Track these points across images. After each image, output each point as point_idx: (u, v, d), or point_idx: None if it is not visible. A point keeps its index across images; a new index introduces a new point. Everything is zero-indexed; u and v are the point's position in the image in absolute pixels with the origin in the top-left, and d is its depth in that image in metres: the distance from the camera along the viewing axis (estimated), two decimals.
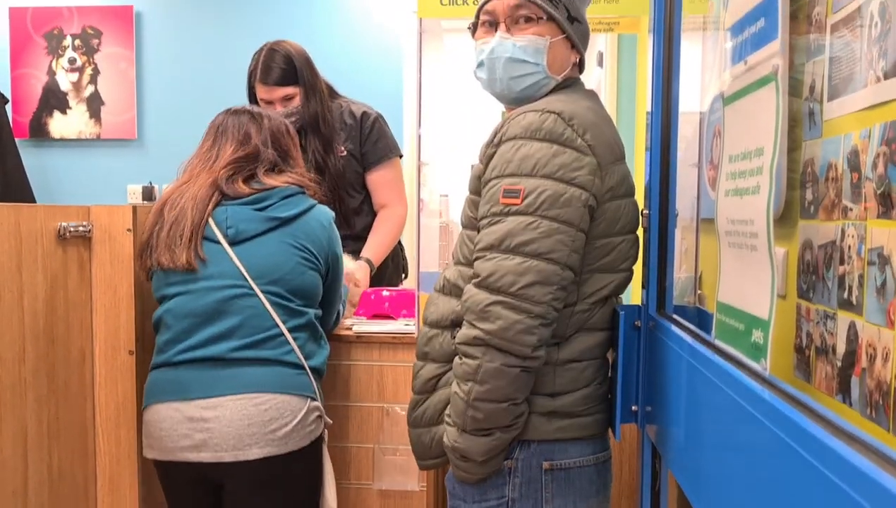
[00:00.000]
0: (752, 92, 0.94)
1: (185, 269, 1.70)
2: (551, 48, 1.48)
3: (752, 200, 0.93)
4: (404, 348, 2.03)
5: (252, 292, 1.70)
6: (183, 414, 1.67)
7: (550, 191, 1.33)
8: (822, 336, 1.01)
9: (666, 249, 1.31)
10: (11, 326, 1.60)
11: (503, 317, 1.30)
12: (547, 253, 1.31)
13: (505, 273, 1.31)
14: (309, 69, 2.48)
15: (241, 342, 1.69)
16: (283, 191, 1.77)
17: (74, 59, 4.36)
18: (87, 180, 4.43)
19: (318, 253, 1.79)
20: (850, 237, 0.95)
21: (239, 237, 1.73)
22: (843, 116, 0.96)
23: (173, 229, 1.71)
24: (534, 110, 1.39)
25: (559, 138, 1.35)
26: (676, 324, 1.20)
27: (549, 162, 1.34)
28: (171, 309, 1.72)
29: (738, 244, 1.00)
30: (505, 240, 1.33)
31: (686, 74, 1.49)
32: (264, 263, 1.72)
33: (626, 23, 1.94)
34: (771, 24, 0.91)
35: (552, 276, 1.32)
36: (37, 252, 1.67)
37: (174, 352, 1.71)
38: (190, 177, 1.78)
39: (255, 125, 1.83)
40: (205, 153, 1.81)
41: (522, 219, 1.33)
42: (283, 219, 1.75)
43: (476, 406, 1.35)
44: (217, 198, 1.74)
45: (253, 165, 1.78)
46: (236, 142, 1.80)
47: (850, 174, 0.94)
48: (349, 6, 4.29)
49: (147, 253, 1.76)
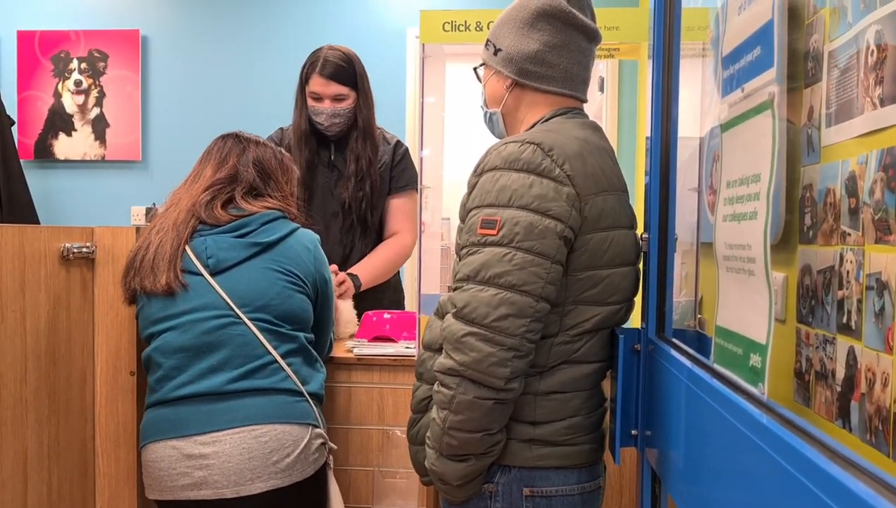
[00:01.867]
0: (749, 119, 0.95)
1: (164, 292, 1.66)
2: (487, 85, 1.59)
3: (749, 225, 0.94)
4: (405, 371, 2.02)
5: (239, 320, 1.66)
6: (180, 452, 1.62)
7: (525, 222, 1.33)
8: (821, 360, 1.01)
9: (665, 273, 1.31)
10: (14, 346, 1.61)
11: (477, 349, 1.31)
12: (521, 285, 1.31)
13: (479, 304, 1.32)
14: (365, 78, 2.49)
15: (235, 373, 1.65)
16: (263, 217, 1.74)
17: (80, 82, 4.40)
18: (91, 201, 4.45)
19: (304, 276, 1.76)
20: (849, 262, 0.95)
21: (220, 266, 1.69)
22: (840, 142, 0.97)
23: (158, 253, 1.68)
24: (514, 141, 1.41)
25: (537, 169, 1.36)
26: (676, 348, 1.20)
27: (525, 193, 1.34)
28: (159, 347, 1.68)
29: (737, 269, 1.00)
30: (480, 271, 1.33)
31: (685, 100, 1.50)
32: (248, 290, 1.68)
33: (627, 49, 1.96)
34: (766, 53, 0.93)
35: (526, 309, 1.31)
36: (40, 272, 1.67)
37: (167, 390, 1.66)
38: (174, 202, 1.76)
39: (238, 147, 1.81)
40: (190, 178, 1.81)
41: (498, 250, 1.33)
42: (265, 245, 1.71)
43: (451, 433, 1.35)
44: (194, 224, 1.71)
45: (231, 187, 1.76)
46: (216, 164, 1.78)
47: (848, 199, 0.95)
48: (353, 32, 4.33)
49: (131, 274, 1.72)
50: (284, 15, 4.39)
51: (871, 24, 0.90)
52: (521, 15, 1.53)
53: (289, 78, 4.36)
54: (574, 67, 1.54)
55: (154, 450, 1.66)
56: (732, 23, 1.04)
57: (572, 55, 1.53)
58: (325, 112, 2.42)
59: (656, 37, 1.58)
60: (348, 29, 4.35)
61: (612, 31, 1.84)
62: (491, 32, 1.58)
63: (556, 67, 1.52)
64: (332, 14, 4.37)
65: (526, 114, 1.55)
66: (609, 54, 1.96)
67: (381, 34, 4.31)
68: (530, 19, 1.51)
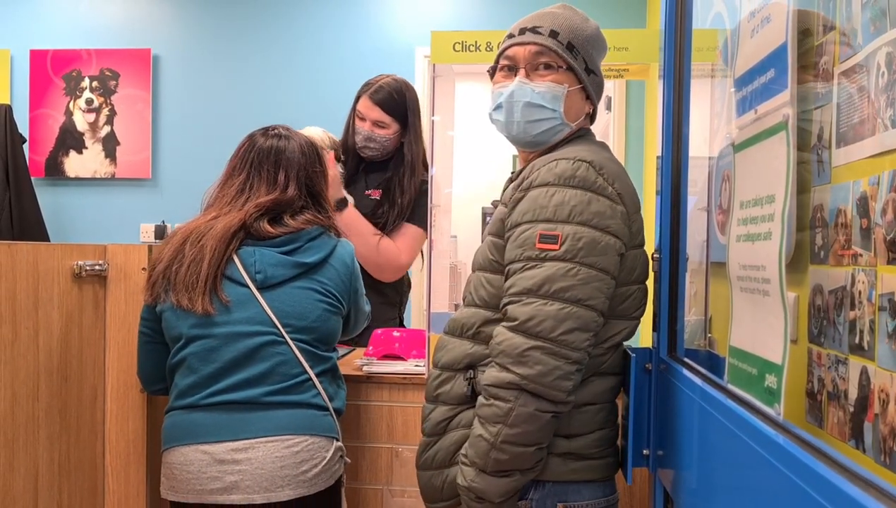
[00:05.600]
0: (763, 140, 0.96)
1: (202, 314, 1.66)
2: (568, 96, 1.51)
3: (764, 246, 0.94)
4: (414, 389, 2.03)
5: (282, 339, 1.68)
6: (212, 457, 1.64)
7: (588, 238, 1.35)
8: (833, 381, 1.01)
9: (677, 292, 1.32)
10: (27, 363, 1.61)
11: (542, 363, 1.32)
12: (586, 299, 1.34)
13: (544, 318, 1.33)
14: (416, 114, 2.49)
15: (272, 388, 1.67)
16: (309, 234, 1.75)
17: (92, 100, 4.43)
18: (101, 219, 4.48)
19: (341, 295, 1.79)
20: (861, 283, 0.95)
21: (268, 282, 1.70)
22: (851, 163, 0.97)
23: (191, 269, 1.67)
24: (565, 158, 1.41)
25: (592, 186, 1.38)
26: (688, 368, 1.20)
27: (584, 209, 1.36)
28: (197, 353, 1.68)
29: (751, 289, 1.00)
30: (544, 285, 1.34)
31: (694, 119, 1.51)
32: (293, 311, 1.70)
33: (636, 69, 1.98)
34: (780, 75, 0.93)
35: (590, 323, 1.34)
36: (53, 290, 1.68)
37: (201, 396, 1.67)
38: (218, 214, 1.73)
39: (292, 164, 1.78)
40: (236, 189, 1.76)
41: (561, 265, 1.34)
42: (310, 266, 1.73)
43: (503, 448, 1.35)
44: (241, 237, 1.71)
45: (284, 210, 1.76)
46: (272, 185, 1.76)
47: (859, 220, 0.95)
48: (362, 51, 4.37)
49: (162, 286, 1.70)
50: (295, 35, 4.43)
51: (882, 46, 0.91)
52: (601, 46, 1.58)
53: (299, 97, 4.44)
54: None
55: (182, 453, 1.67)
56: (745, 45, 1.05)
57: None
58: (362, 132, 2.48)
59: (667, 57, 1.59)
60: (357, 48, 4.38)
61: (621, 51, 1.86)
62: (574, 38, 1.51)
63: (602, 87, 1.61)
64: (341, 33, 4.41)
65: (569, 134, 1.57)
66: (618, 74, 1.98)
67: (391, 53, 4.34)
68: (604, 51, 1.59)
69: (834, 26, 1.01)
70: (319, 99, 4.33)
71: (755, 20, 0.99)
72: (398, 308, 2.63)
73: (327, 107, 2.72)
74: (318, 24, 4.42)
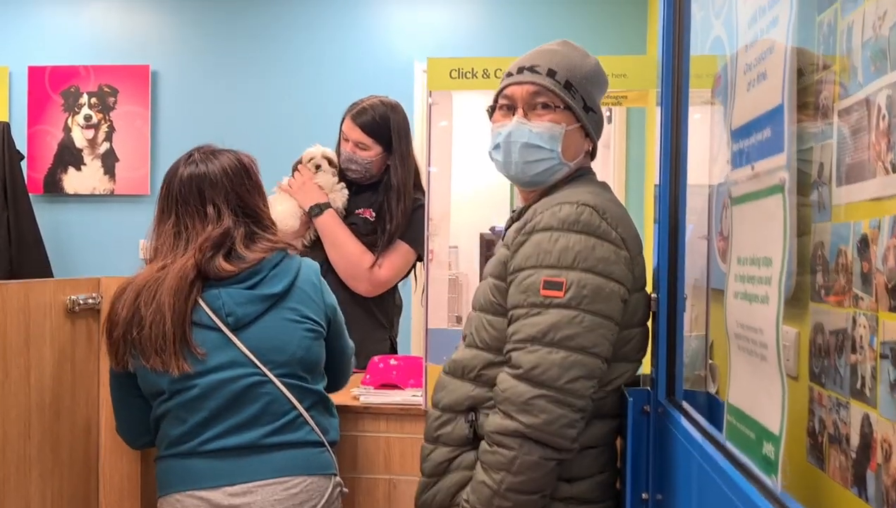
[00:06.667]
0: (761, 198, 0.94)
1: (181, 374, 1.60)
2: (566, 136, 1.49)
3: (761, 309, 0.92)
4: (412, 419, 2.00)
5: (266, 378, 1.64)
6: (209, 503, 1.60)
7: (593, 284, 1.34)
8: (835, 423, 1.00)
9: (675, 334, 1.30)
10: (18, 402, 1.59)
11: (547, 411, 1.31)
12: (591, 347, 1.33)
13: (549, 366, 1.32)
14: (402, 138, 2.45)
15: (266, 429, 1.64)
16: (270, 262, 1.68)
17: (90, 117, 4.43)
18: (99, 235, 4.47)
19: (317, 316, 1.73)
20: (862, 327, 0.94)
21: (240, 323, 1.64)
22: (852, 203, 0.96)
23: (154, 331, 1.58)
24: (568, 202, 1.40)
25: (596, 231, 1.37)
26: (686, 417, 1.18)
27: (589, 255, 1.35)
28: (182, 404, 1.63)
29: (749, 350, 0.99)
30: (549, 332, 1.33)
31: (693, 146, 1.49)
32: (271, 346, 1.65)
33: (634, 96, 1.96)
34: (776, 137, 0.92)
35: (595, 370, 1.34)
36: (45, 326, 1.66)
37: (194, 444, 1.63)
38: (165, 264, 1.64)
39: (217, 190, 1.69)
40: (171, 234, 1.68)
41: (566, 312, 1.34)
42: (279, 295, 1.68)
43: (506, 495, 1.35)
44: (199, 285, 1.63)
45: (230, 240, 1.67)
46: (205, 220, 1.67)
47: (860, 262, 0.94)
48: (362, 66, 4.36)
49: (127, 351, 1.62)
50: (293, 51, 4.42)
51: (882, 89, 0.89)
52: (601, 83, 1.57)
53: (297, 112, 4.42)
54: None
55: (178, 501, 1.64)
56: (741, 97, 1.03)
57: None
58: (344, 154, 2.46)
59: (664, 84, 1.57)
60: (356, 64, 4.38)
61: (619, 78, 1.84)
62: (571, 76, 1.50)
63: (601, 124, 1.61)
64: (340, 48, 4.40)
65: (569, 173, 1.55)
66: (616, 102, 1.96)
67: (390, 69, 4.33)
68: (604, 86, 1.58)
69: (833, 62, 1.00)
70: (318, 114, 4.31)
71: (751, 74, 0.97)
72: (388, 330, 2.59)
73: (326, 123, 2.70)
74: (317, 40, 4.41)
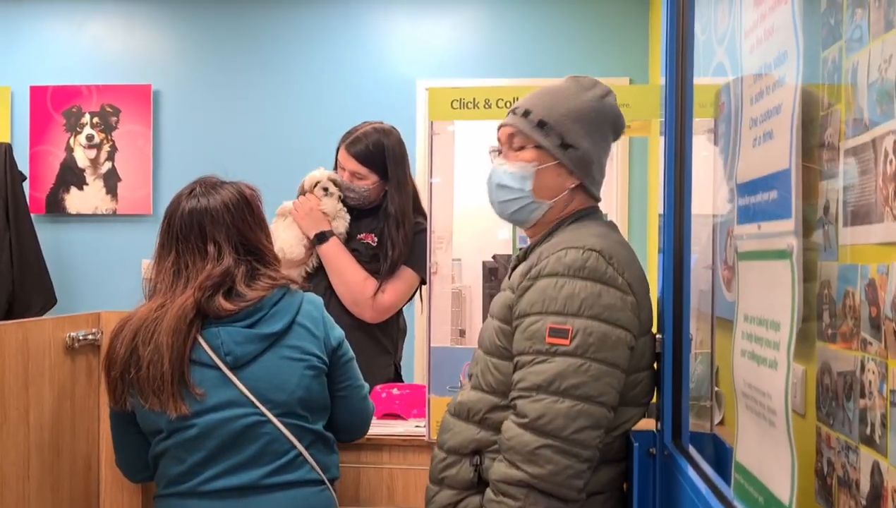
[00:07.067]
0: (768, 260, 0.93)
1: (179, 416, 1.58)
2: (539, 174, 1.50)
3: (769, 374, 0.91)
4: (415, 451, 1.99)
5: (265, 418, 1.61)
6: None
7: (599, 332, 1.33)
8: (844, 467, 0.98)
9: (681, 376, 1.28)
10: (17, 444, 1.58)
11: (553, 462, 1.30)
12: (597, 396, 1.32)
13: (555, 416, 1.31)
14: (398, 165, 2.43)
15: (265, 469, 1.62)
16: (271, 299, 1.65)
17: (92, 136, 4.43)
18: (102, 255, 4.46)
19: (319, 350, 1.70)
20: (871, 373, 0.93)
21: (239, 362, 1.62)
22: (859, 245, 0.95)
23: (152, 372, 1.56)
24: (574, 247, 1.40)
25: (602, 277, 1.36)
26: (693, 465, 1.16)
27: (595, 302, 1.34)
28: (181, 444, 1.61)
29: (756, 412, 0.97)
30: (554, 381, 1.32)
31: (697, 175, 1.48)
32: (270, 385, 1.63)
33: (637, 126, 1.95)
34: (784, 200, 0.90)
35: (601, 419, 1.33)
36: (44, 365, 1.65)
37: (193, 484, 1.61)
38: (164, 302, 1.62)
39: (218, 227, 1.66)
40: (171, 271, 1.65)
41: (572, 360, 1.33)
42: (279, 334, 1.65)
43: None
44: (198, 324, 1.60)
45: (230, 279, 1.65)
46: (205, 258, 1.64)
47: (868, 306, 0.93)
48: (364, 84, 4.36)
49: (123, 389, 1.60)
50: (295, 70, 4.42)
51: (889, 133, 0.88)
52: (598, 120, 1.51)
53: (300, 132, 4.42)
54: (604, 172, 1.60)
55: None
56: (747, 151, 1.02)
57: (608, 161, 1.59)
58: (344, 183, 2.45)
59: (668, 114, 1.56)
60: (358, 82, 4.38)
61: (623, 107, 1.82)
62: (548, 115, 1.49)
63: (603, 176, 1.58)
64: (342, 67, 4.40)
65: (560, 214, 1.54)
66: None
67: (391, 86, 4.33)
68: (605, 126, 1.53)
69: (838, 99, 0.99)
70: (320, 134, 4.31)
71: (757, 130, 0.96)
72: (392, 355, 2.57)
73: (328, 142, 2.68)
74: (319, 59, 4.41)
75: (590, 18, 4.28)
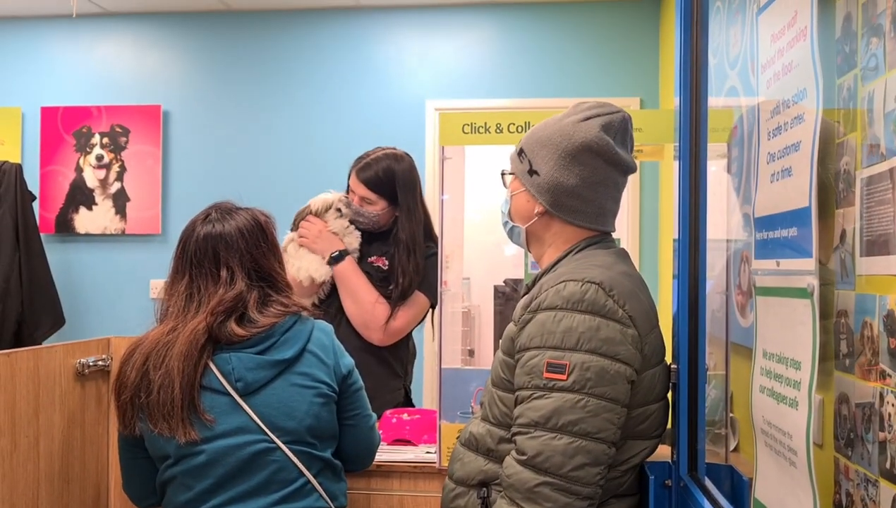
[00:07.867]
0: (788, 297, 0.92)
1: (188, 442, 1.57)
2: (513, 200, 1.57)
3: (790, 413, 0.89)
4: (425, 477, 1.97)
5: (274, 445, 1.60)
6: None
7: (596, 367, 1.31)
8: (863, 500, 0.97)
9: (697, 406, 1.26)
10: (26, 473, 1.57)
11: (552, 500, 1.28)
12: (595, 432, 1.30)
13: (553, 454, 1.29)
14: (409, 192, 2.43)
15: (273, 497, 1.60)
16: (283, 327, 1.65)
17: (102, 157, 4.44)
18: (111, 275, 4.47)
19: (329, 379, 1.69)
20: (890, 405, 0.91)
21: (249, 389, 1.61)
22: (876, 276, 0.94)
23: (162, 396, 1.55)
24: (574, 280, 1.37)
25: (601, 310, 1.34)
26: (709, 497, 1.14)
27: (593, 336, 1.32)
28: (189, 471, 1.60)
29: (776, 450, 0.95)
30: (551, 418, 1.30)
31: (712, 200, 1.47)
32: (280, 413, 1.62)
33: (650, 150, 1.94)
34: (804, 239, 0.89)
35: (601, 456, 1.30)
36: (55, 392, 1.64)
37: None
38: (175, 325, 1.61)
39: (232, 253, 1.66)
40: (184, 295, 1.65)
41: (570, 396, 1.30)
42: (289, 361, 1.64)
43: None
44: (210, 349, 1.60)
45: (242, 304, 1.64)
46: (218, 282, 1.64)
47: (887, 338, 0.92)
48: (373, 104, 4.37)
49: (132, 414, 1.59)
50: (304, 90, 4.43)
51: None
52: (564, 143, 1.47)
53: (309, 152, 4.43)
54: (608, 203, 1.52)
55: None
56: (765, 185, 1.01)
57: (608, 190, 1.51)
58: (353, 207, 2.46)
59: (682, 138, 1.56)
60: (368, 102, 4.38)
61: (635, 132, 1.82)
62: (526, 142, 1.53)
63: (591, 203, 1.50)
64: (352, 87, 4.41)
65: (554, 241, 1.53)
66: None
67: (401, 107, 4.34)
68: (574, 152, 1.47)
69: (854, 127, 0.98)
70: (329, 154, 4.33)
71: (775, 165, 0.95)
72: (403, 378, 2.56)
73: (337, 163, 2.69)
74: (328, 79, 4.42)
75: (599, 38, 4.28)
